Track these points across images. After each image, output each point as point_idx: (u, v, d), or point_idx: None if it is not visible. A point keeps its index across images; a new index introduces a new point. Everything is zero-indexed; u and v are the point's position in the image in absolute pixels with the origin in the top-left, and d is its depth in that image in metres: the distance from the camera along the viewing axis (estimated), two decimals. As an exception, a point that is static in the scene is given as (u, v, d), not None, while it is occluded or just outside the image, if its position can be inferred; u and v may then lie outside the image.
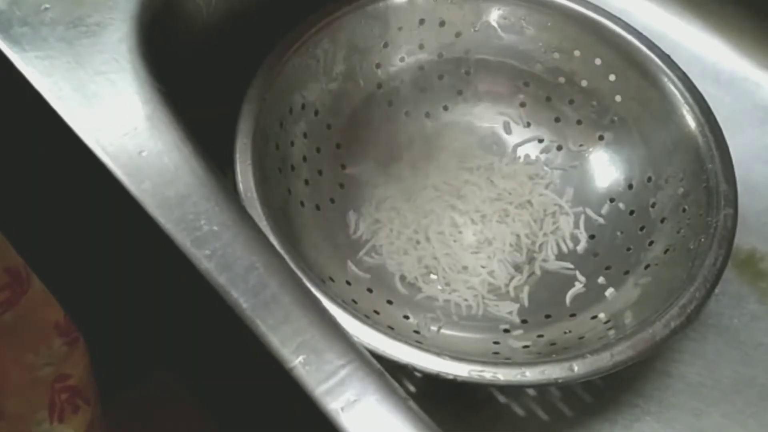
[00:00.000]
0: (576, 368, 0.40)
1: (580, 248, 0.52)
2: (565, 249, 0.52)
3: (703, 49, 0.61)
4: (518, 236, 0.52)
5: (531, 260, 0.52)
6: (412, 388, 0.49)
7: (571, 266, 0.51)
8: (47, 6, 0.43)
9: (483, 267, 0.51)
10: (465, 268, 0.51)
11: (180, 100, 0.42)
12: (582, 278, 0.51)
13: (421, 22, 0.55)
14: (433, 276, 0.51)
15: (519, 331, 0.48)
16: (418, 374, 0.41)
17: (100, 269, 0.59)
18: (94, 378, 0.50)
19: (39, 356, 0.45)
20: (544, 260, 0.52)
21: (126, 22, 0.43)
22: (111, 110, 0.40)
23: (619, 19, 0.54)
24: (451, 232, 0.51)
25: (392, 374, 0.36)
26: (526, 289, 0.51)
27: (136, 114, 0.41)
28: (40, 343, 0.45)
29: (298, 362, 0.34)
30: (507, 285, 0.51)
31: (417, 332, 0.47)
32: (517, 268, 0.52)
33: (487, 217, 0.52)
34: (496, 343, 0.47)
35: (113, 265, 0.59)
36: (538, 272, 0.52)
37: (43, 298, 0.45)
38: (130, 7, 0.44)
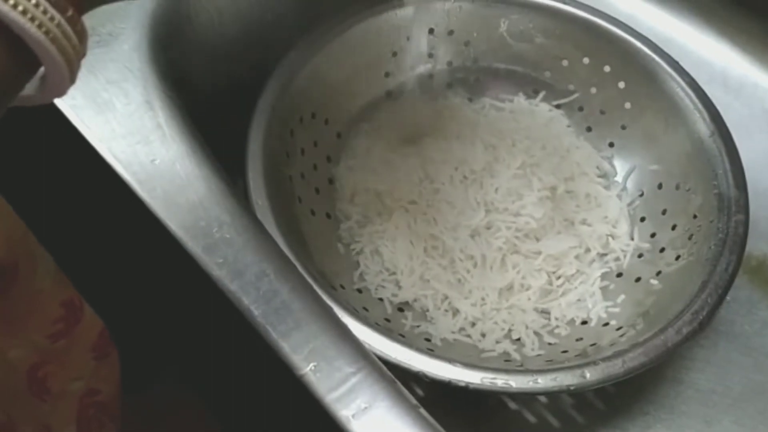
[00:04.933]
0: (588, 375, 0.40)
1: (591, 255, 0.52)
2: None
3: (712, 55, 0.61)
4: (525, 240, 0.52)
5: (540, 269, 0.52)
6: (422, 395, 0.49)
7: (583, 273, 0.51)
8: (60, 16, 0.44)
9: (493, 278, 0.51)
10: (468, 277, 0.51)
11: (191, 109, 0.43)
12: (594, 286, 0.51)
13: (431, 31, 0.56)
14: (446, 285, 0.51)
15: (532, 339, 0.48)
16: (428, 381, 0.41)
17: (110, 275, 0.59)
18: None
19: (78, 373, 0.46)
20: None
21: (138, 31, 0.44)
22: (123, 118, 0.41)
23: (628, 26, 0.54)
24: (465, 244, 0.51)
25: (403, 380, 0.36)
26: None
27: (148, 122, 0.41)
28: (81, 361, 0.46)
29: (309, 369, 0.34)
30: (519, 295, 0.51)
31: (428, 340, 0.47)
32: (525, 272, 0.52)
33: (494, 228, 0.52)
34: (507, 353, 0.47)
35: (123, 271, 0.60)
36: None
37: (91, 322, 0.46)
38: (142, 16, 0.44)
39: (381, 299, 0.50)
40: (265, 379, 0.48)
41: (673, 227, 0.50)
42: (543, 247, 0.51)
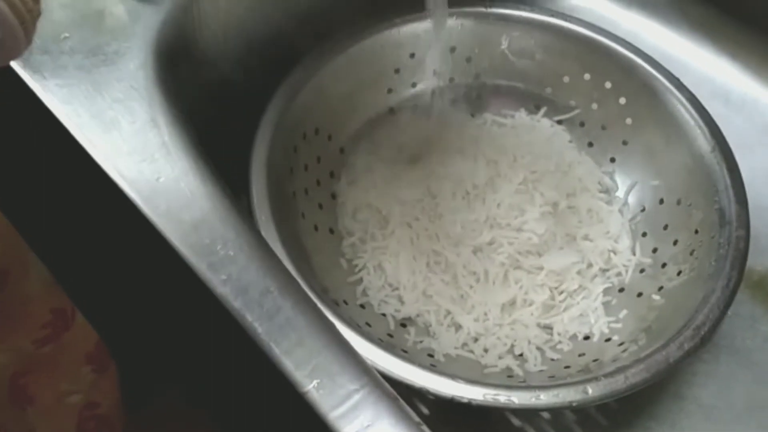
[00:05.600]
0: (590, 391, 0.40)
1: (593, 271, 0.52)
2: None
3: (713, 71, 0.61)
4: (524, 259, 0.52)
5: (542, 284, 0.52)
6: (425, 410, 0.49)
7: (585, 288, 0.51)
8: (66, 35, 0.44)
9: (496, 293, 0.51)
10: (471, 292, 0.51)
11: (196, 126, 0.43)
12: (596, 301, 0.51)
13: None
14: (449, 301, 0.51)
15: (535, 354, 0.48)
16: (431, 397, 0.41)
17: (114, 291, 0.60)
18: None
19: (71, 384, 0.46)
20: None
21: (143, 50, 0.44)
22: (129, 137, 0.41)
23: (628, 42, 0.54)
24: (468, 260, 0.51)
25: (406, 396, 0.36)
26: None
27: (154, 140, 0.41)
28: (73, 372, 0.46)
29: (312, 386, 0.35)
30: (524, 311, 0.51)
31: (431, 355, 0.48)
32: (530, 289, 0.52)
33: (496, 244, 0.52)
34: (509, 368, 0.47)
35: (127, 287, 0.60)
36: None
37: (83, 332, 0.47)
38: (148, 35, 0.45)
39: (384, 315, 0.50)
40: (265, 395, 0.48)
41: (675, 242, 0.50)
42: (545, 263, 0.51)
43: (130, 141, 0.41)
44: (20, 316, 0.42)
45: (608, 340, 0.48)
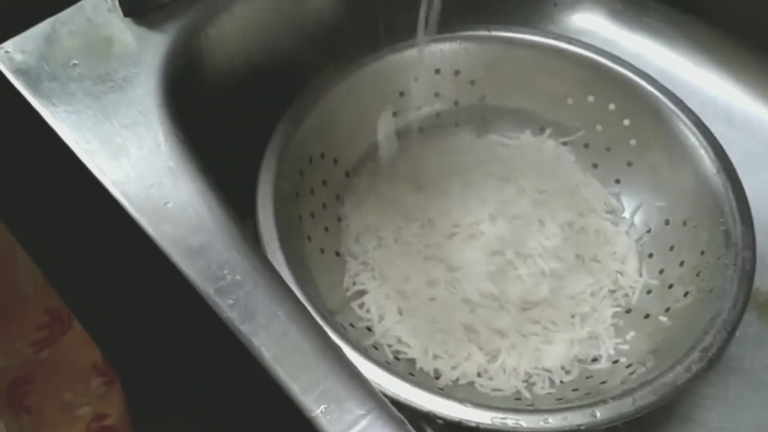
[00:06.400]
0: (598, 414, 0.40)
1: (603, 292, 0.52)
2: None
3: (717, 92, 0.61)
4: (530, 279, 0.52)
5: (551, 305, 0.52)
6: (433, 435, 0.49)
7: (596, 311, 0.51)
8: (75, 62, 0.45)
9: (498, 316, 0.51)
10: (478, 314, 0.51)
11: (203, 151, 0.43)
12: (605, 323, 0.51)
13: (437, 71, 0.57)
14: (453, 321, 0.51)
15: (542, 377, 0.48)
16: (439, 421, 0.41)
17: (122, 313, 0.60)
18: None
19: (77, 395, 0.46)
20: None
21: (151, 76, 0.45)
22: (137, 162, 0.41)
23: (631, 64, 0.54)
24: (477, 285, 0.51)
25: (413, 420, 0.36)
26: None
27: (161, 166, 0.41)
28: (78, 383, 0.46)
29: (319, 411, 0.35)
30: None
31: (437, 378, 0.47)
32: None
33: (504, 261, 0.52)
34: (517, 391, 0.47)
35: (135, 311, 0.60)
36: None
37: (82, 340, 0.46)
38: (156, 62, 0.45)
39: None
40: (268, 420, 0.48)
41: (681, 263, 0.50)
42: (560, 288, 0.51)
43: (138, 166, 0.41)
44: (14, 315, 0.42)
45: (616, 362, 0.48)
